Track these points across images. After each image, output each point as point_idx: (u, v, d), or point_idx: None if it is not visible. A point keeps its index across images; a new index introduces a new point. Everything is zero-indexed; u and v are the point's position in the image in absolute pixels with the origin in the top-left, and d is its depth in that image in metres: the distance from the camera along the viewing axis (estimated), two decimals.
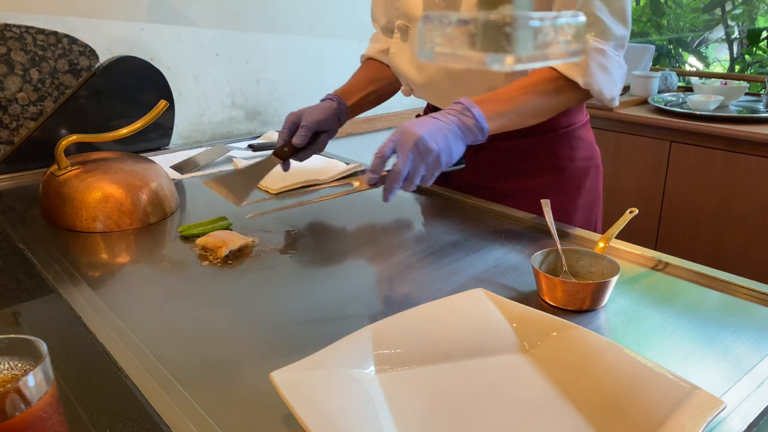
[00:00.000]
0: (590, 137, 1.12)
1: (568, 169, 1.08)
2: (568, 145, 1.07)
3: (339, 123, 1.12)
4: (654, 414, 0.51)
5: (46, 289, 0.79)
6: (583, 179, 1.10)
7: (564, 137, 1.07)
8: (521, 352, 0.63)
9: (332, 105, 1.10)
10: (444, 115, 0.88)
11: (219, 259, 0.86)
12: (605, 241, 0.81)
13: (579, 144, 1.09)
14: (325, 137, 1.10)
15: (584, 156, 1.09)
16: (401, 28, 1.10)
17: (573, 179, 1.08)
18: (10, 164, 1.25)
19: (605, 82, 0.92)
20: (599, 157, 1.14)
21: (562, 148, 1.07)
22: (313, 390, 0.53)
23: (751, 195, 1.93)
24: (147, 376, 0.59)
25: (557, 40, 0.41)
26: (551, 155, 1.07)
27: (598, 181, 1.14)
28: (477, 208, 1.05)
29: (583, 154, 1.09)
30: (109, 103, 1.29)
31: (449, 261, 0.85)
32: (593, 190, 1.12)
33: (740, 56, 2.91)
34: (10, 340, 0.45)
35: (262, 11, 1.70)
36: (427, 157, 0.84)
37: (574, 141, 1.08)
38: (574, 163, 1.08)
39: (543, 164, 1.07)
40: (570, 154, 1.08)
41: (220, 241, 0.87)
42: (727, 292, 0.76)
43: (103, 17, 1.42)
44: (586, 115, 1.12)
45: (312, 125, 1.05)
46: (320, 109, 1.08)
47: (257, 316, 0.73)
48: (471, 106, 0.88)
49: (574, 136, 1.08)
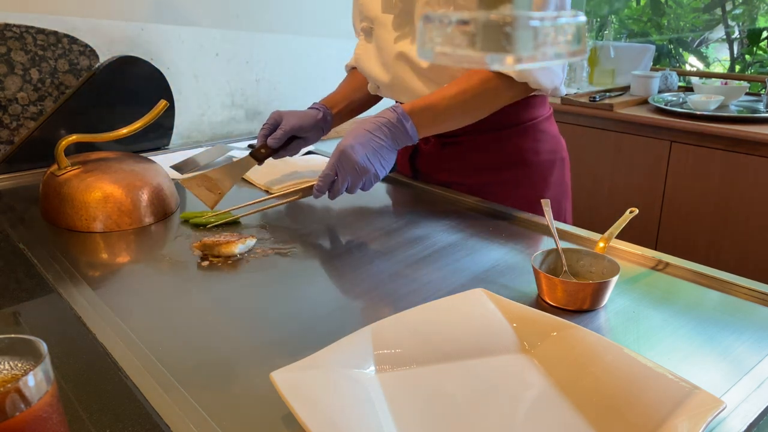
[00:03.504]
0: (554, 130, 1.14)
1: (534, 162, 1.09)
2: (533, 139, 1.09)
3: (321, 132, 1.15)
4: (654, 414, 0.51)
5: (46, 289, 0.79)
6: (549, 172, 1.11)
7: (528, 131, 1.09)
8: (521, 352, 0.63)
9: (316, 114, 1.13)
10: (379, 128, 0.93)
11: (219, 259, 0.86)
12: (605, 241, 0.81)
13: (543, 137, 1.10)
14: (300, 143, 1.13)
15: (549, 149, 1.11)
16: (365, 30, 1.13)
17: (539, 172, 1.10)
18: (10, 164, 1.25)
19: (542, 74, 0.93)
20: (565, 149, 1.16)
21: (527, 142, 1.09)
22: (313, 390, 0.53)
23: (751, 195, 1.93)
24: (147, 376, 0.59)
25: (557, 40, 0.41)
26: (516, 149, 1.09)
27: (565, 173, 1.15)
28: (477, 208, 1.05)
29: (547, 147, 1.11)
30: (109, 103, 1.29)
31: (449, 261, 0.85)
32: (560, 182, 1.14)
33: (740, 56, 2.91)
34: (10, 340, 0.45)
35: (262, 11, 1.70)
36: (363, 176, 0.93)
37: (538, 134, 1.09)
38: (540, 156, 1.10)
39: (509, 158, 1.09)
40: (535, 147, 1.09)
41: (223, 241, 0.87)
42: (727, 292, 0.76)
43: (103, 17, 1.42)
44: (549, 109, 1.14)
45: (289, 130, 1.09)
46: (302, 115, 1.11)
47: (257, 316, 0.73)
48: (405, 119, 0.93)
49: (538, 129, 1.09)
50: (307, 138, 1.13)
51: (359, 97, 1.22)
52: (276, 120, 1.10)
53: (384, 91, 1.16)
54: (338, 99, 1.20)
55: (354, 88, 1.23)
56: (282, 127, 1.08)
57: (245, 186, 1.20)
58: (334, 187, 0.94)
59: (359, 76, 1.23)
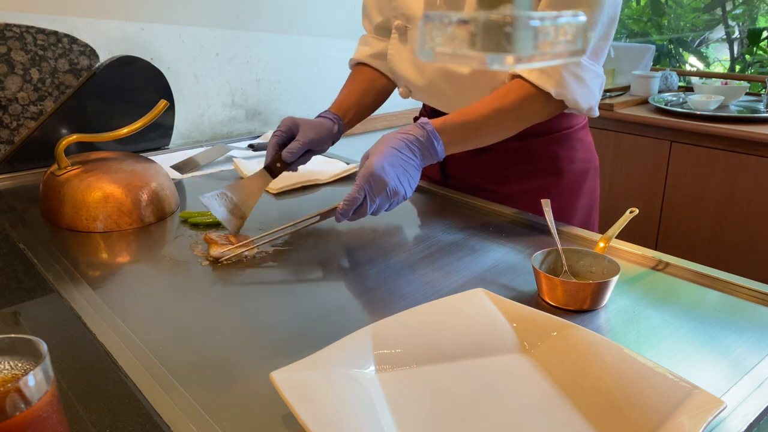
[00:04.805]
0: (589, 139, 1.13)
1: (568, 171, 1.08)
2: (568, 147, 1.08)
3: (331, 144, 1.10)
4: (654, 414, 0.51)
5: (46, 288, 0.79)
6: (582, 181, 1.10)
7: (564, 139, 1.07)
8: (521, 352, 0.63)
9: (331, 127, 1.08)
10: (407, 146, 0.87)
11: (220, 260, 0.86)
12: (605, 241, 0.81)
13: (578, 146, 1.09)
14: (310, 155, 1.07)
15: (583, 158, 1.10)
16: (399, 29, 1.08)
17: (572, 181, 1.09)
18: (11, 164, 1.25)
19: (580, 93, 0.92)
20: (597, 159, 1.14)
21: (562, 150, 1.07)
22: (313, 390, 0.53)
23: (751, 195, 1.93)
24: (147, 376, 0.59)
25: (558, 40, 0.41)
26: (551, 157, 1.07)
27: (596, 183, 1.14)
28: (477, 208, 1.05)
29: (582, 156, 1.10)
30: (109, 103, 1.29)
31: (449, 261, 0.85)
32: (591, 192, 1.13)
33: (741, 56, 2.92)
34: (10, 340, 0.45)
35: (262, 11, 1.70)
36: (393, 199, 0.87)
37: (574, 143, 1.08)
38: (574, 165, 1.08)
39: (543, 166, 1.07)
40: (570, 155, 1.08)
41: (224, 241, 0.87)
42: (727, 292, 0.76)
43: (103, 17, 1.42)
44: (584, 118, 1.12)
45: (306, 143, 1.02)
46: (319, 128, 1.05)
47: (257, 315, 0.73)
48: (435, 139, 0.89)
49: (574, 138, 1.08)
50: (320, 151, 1.08)
51: (368, 101, 1.17)
52: (290, 128, 1.03)
53: (417, 94, 1.11)
54: (349, 105, 1.14)
55: (363, 90, 1.17)
56: (299, 140, 1.01)
57: None
58: (360, 210, 0.86)
59: (367, 75, 1.18)
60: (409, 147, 0.87)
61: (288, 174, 1.13)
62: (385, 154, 0.85)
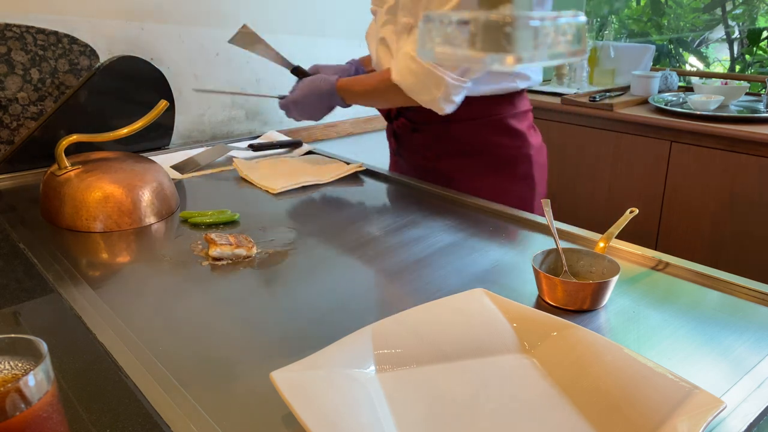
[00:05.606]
0: (522, 127, 1.21)
1: (496, 154, 1.20)
2: (493, 131, 1.19)
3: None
4: (654, 414, 0.51)
5: (46, 289, 0.79)
6: (513, 165, 1.21)
7: (488, 124, 1.18)
8: (521, 352, 0.63)
9: (349, 70, 1.32)
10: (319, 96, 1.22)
11: (220, 260, 0.86)
12: (605, 241, 0.81)
13: (505, 132, 1.19)
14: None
15: (510, 144, 1.20)
16: (373, 12, 1.24)
17: (503, 164, 1.20)
18: (11, 164, 1.25)
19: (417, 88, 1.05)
20: (534, 148, 1.22)
21: (487, 134, 1.19)
22: (313, 390, 0.53)
23: (751, 195, 1.93)
24: (147, 376, 0.59)
25: (557, 40, 0.41)
26: (480, 139, 1.19)
27: (531, 169, 1.22)
28: (477, 208, 1.05)
29: (509, 142, 1.19)
30: (109, 103, 1.29)
31: (449, 261, 0.85)
32: (526, 176, 1.22)
33: (741, 56, 2.91)
34: (10, 340, 0.45)
35: (262, 11, 1.70)
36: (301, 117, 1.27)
37: (500, 129, 1.19)
38: (502, 149, 1.20)
39: (474, 147, 1.20)
40: (498, 140, 1.19)
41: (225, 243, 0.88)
42: (727, 292, 0.76)
43: (103, 17, 1.42)
44: (515, 108, 1.20)
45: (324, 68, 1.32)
46: (337, 69, 1.32)
47: (257, 316, 0.73)
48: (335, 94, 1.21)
49: (501, 124, 1.18)
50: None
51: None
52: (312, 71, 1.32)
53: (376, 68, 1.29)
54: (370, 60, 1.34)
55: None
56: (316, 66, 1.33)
57: (245, 186, 1.20)
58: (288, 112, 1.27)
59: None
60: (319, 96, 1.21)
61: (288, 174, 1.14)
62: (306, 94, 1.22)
